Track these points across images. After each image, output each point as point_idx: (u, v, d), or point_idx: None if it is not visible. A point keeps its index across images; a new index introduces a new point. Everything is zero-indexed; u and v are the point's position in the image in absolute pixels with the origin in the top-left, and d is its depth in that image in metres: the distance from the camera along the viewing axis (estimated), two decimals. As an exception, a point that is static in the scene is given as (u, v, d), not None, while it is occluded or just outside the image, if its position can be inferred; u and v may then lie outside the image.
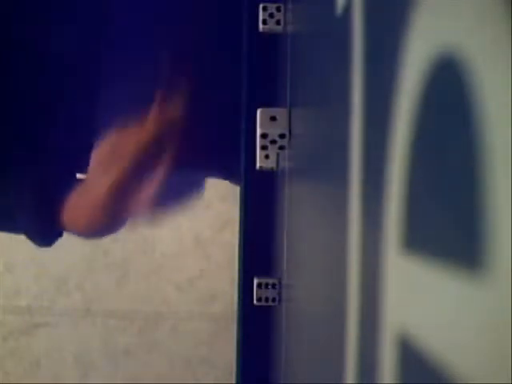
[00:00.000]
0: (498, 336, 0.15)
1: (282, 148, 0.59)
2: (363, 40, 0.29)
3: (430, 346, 0.19)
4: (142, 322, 1.68)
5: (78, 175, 0.79)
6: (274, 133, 0.59)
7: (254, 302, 0.65)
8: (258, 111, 0.59)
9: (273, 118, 0.59)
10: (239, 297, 0.69)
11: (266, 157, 0.61)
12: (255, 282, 0.65)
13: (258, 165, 0.63)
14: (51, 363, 1.68)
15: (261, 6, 0.62)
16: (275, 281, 0.64)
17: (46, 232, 0.78)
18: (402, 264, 0.22)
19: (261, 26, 0.62)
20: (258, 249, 0.64)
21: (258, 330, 0.69)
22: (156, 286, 1.67)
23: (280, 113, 0.59)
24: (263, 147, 0.59)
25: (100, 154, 0.75)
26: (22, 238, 0.79)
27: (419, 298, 0.20)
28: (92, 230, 0.77)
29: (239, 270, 0.69)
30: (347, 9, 0.32)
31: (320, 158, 0.43)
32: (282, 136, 0.59)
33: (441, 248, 0.19)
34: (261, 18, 0.62)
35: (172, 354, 1.67)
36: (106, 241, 1.66)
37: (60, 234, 0.79)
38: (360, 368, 0.28)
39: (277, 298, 0.64)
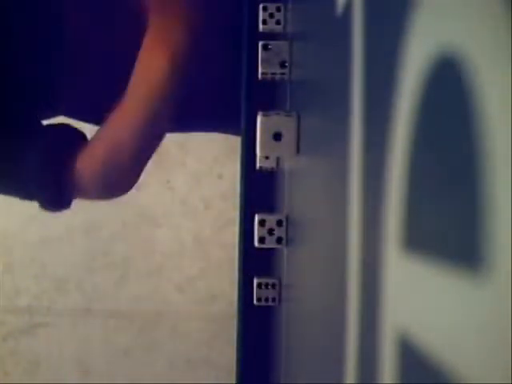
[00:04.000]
0: (498, 336, 0.15)
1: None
2: (363, 40, 0.29)
3: (430, 345, 0.19)
4: (141, 321, 1.68)
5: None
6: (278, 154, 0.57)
7: (254, 302, 0.65)
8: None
9: (277, 136, 0.56)
10: (239, 297, 0.69)
11: (266, 157, 0.61)
12: (255, 282, 0.65)
13: (257, 165, 0.63)
14: (51, 363, 1.68)
15: (261, 5, 0.62)
16: (275, 281, 0.64)
17: (57, 195, 0.71)
18: (402, 264, 0.22)
19: (261, 25, 0.62)
20: (258, 249, 0.64)
21: (258, 329, 0.69)
22: (156, 285, 1.67)
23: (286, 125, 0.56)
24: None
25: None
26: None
27: (419, 298, 0.20)
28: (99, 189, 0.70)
29: (239, 270, 0.69)
30: (347, 8, 0.32)
31: (320, 158, 0.43)
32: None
33: (441, 248, 0.19)
34: (261, 18, 0.62)
35: (172, 354, 1.67)
36: (106, 241, 1.66)
37: (72, 197, 0.72)
38: (360, 368, 0.28)
39: (277, 298, 0.64)
